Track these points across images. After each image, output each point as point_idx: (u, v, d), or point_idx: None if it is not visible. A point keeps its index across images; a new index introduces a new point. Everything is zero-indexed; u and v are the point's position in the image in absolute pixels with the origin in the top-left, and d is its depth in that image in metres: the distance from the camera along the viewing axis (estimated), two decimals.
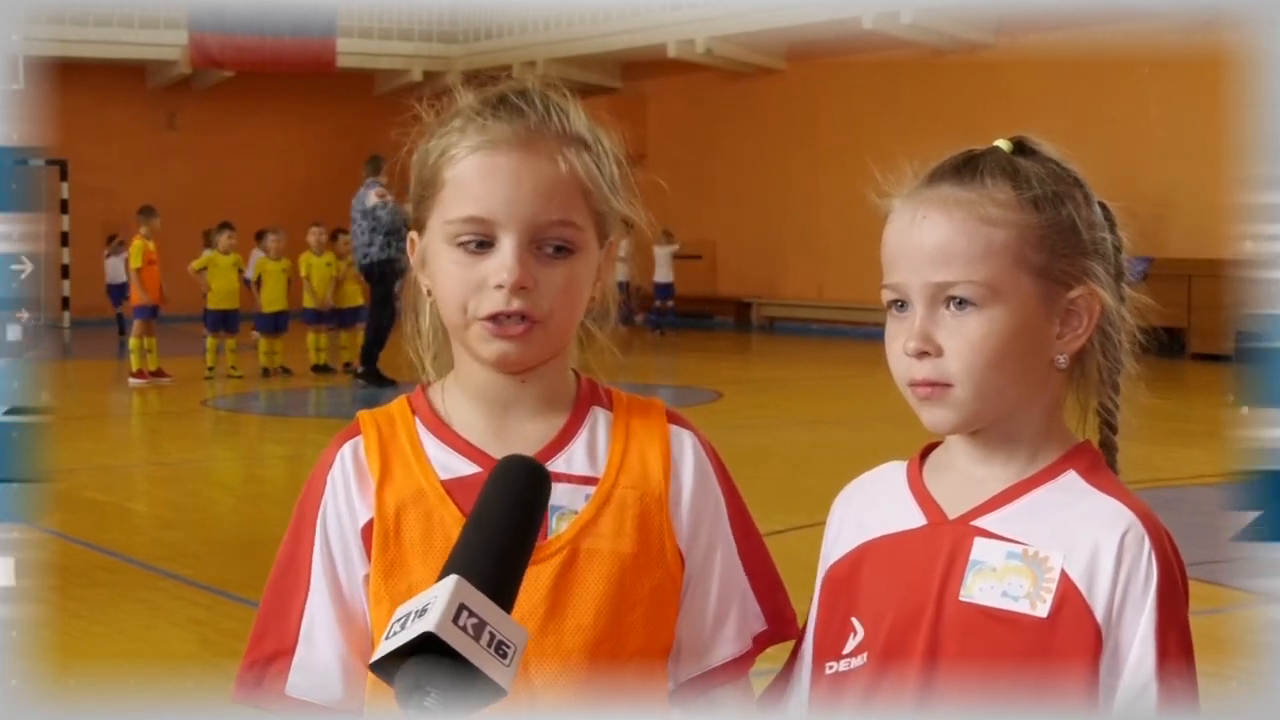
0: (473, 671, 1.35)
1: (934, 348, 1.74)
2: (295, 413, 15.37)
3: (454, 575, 1.39)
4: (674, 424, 1.90)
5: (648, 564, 1.83)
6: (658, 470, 1.86)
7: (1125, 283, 1.83)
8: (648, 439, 1.88)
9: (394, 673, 1.37)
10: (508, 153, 1.79)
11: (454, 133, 1.82)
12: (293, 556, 1.87)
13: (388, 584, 1.81)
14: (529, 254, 1.78)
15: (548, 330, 1.80)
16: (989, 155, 1.79)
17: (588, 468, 1.85)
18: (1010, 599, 1.70)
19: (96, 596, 7.04)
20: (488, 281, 1.77)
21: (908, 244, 1.77)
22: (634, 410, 1.91)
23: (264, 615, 1.87)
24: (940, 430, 1.78)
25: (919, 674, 1.72)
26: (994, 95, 19.65)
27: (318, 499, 1.86)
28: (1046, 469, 1.77)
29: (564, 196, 1.80)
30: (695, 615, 1.88)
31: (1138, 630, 1.68)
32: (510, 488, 1.51)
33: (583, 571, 1.80)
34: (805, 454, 11.34)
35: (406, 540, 1.82)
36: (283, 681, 1.84)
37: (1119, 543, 1.70)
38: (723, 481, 1.92)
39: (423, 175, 1.85)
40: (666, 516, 1.85)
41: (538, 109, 1.82)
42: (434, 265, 1.83)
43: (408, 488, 1.83)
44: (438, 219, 1.82)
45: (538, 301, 1.78)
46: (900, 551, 1.79)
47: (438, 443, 1.86)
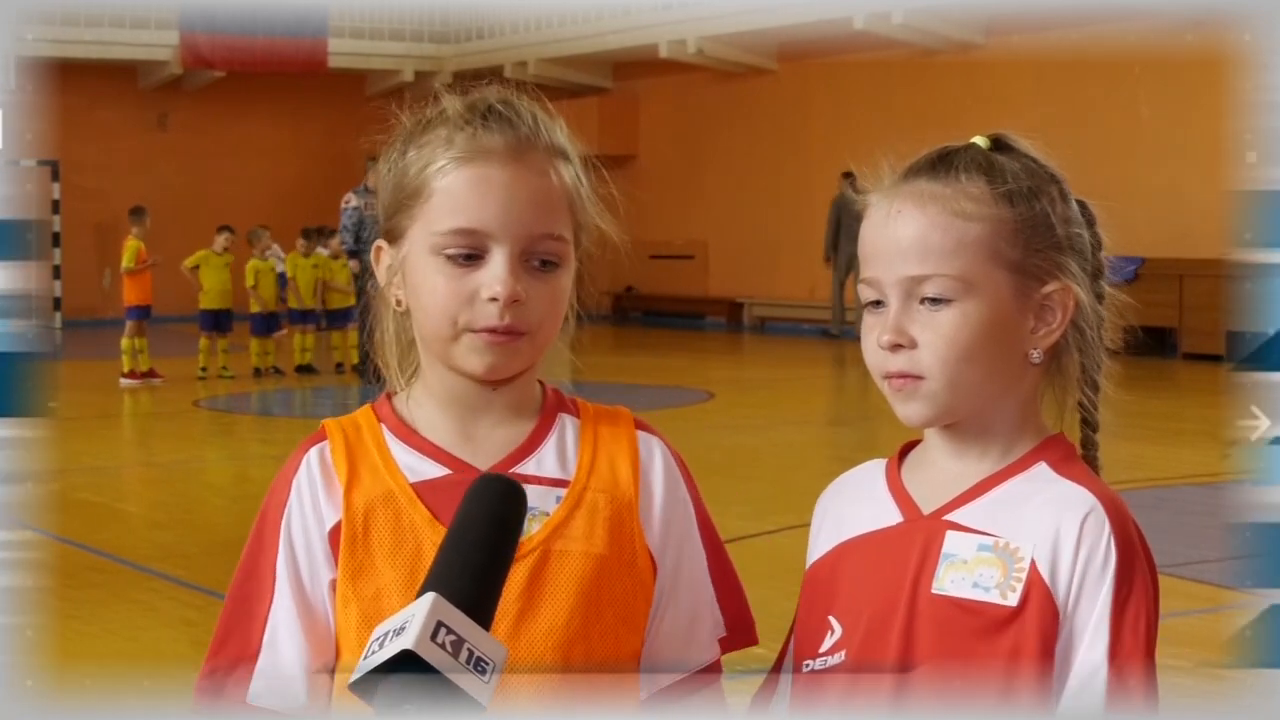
0: (452, 689, 1.36)
1: (908, 340, 1.75)
2: (287, 413, 15.36)
3: (432, 593, 1.39)
4: (641, 430, 1.91)
5: (619, 567, 1.83)
6: (627, 475, 1.86)
7: (1104, 280, 1.84)
8: (616, 445, 1.88)
9: (373, 691, 1.37)
10: (501, 165, 1.79)
11: (439, 143, 1.81)
12: (255, 563, 1.85)
13: (355, 586, 1.80)
14: (519, 266, 1.78)
15: (534, 342, 1.81)
16: (964, 151, 1.79)
17: (558, 470, 1.85)
18: (981, 589, 1.71)
19: (88, 597, 7.03)
20: (479, 294, 1.77)
21: (882, 239, 1.77)
22: (601, 418, 1.91)
23: (226, 621, 1.86)
24: (914, 424, 1.78)
25: (894, 668, 1.73)
26: (985, 95, 19.66)
27: (282, 505, 1.85)
28: (1018, 461, 1.78)
29: (553, 210, 1.81)
30: (668, 622, 1.88)
31: (1092, 614, 1.68)
32: (487, 506, 1.52)
33: (554, 572, 1.80)
34: (797, 454, 11.35)
35: (375, 542, 1.81)
36: (244, 689, 1.82)
37: (1079, 526, 1.70)
38: (690, 489, 1.92)
39: (403, 184, 1.83)
40: (637, 521, 1.85)
41: (526, 120, 1.82)
42: (415, 277, 1.82)
43: (376, 489, 1.83)
44: (421, 230, 1.80)
45: (527, 315, 1.78)
46: (877, 549, 1.80)
47: (405, 447, 1.86)
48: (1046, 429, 1.82)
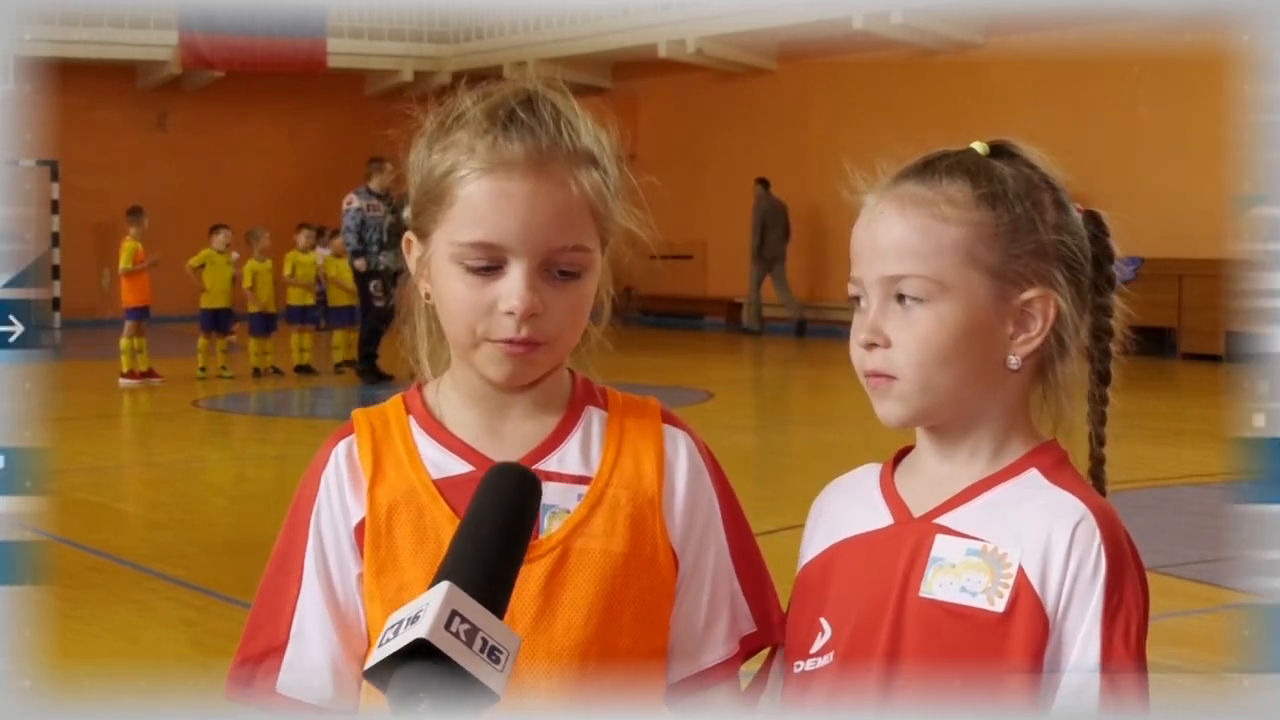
0: (466, 677, 1.36)
1: (883, 340, 1.76)
2: (286, 413, 15.35)
3: (446, 582, 1.40)
4: (669, 424, 1.91)
5: (640, 565, 1.83)
6: (651, 471, 1.86)
7: (1112, 293, 1.82)
8: (642, 440, 1.88)
9: (388, 679, 1.37)
10: (522, 177, 1.77)
11: (461, 148, 1.80)
12: (287, 554, 1.87)
13: (380, 582, 1.81)
14: (538, 278, 1.78)
15: (552, 350, 1.82)
16: (954, 155, 1.80)
17: (581, 467, 1.85)
18: (968, 594, 1.71)
19: (87, 597, 7.03)
20: (497, 306, 1.77)
21: (865, 239, 1.79)
22: (629, 410, 1.91)
23: (257, 612, 1.88)
24: (890, 423, 1.79)
25: (881, 671, 1.73)
26: (984, 95, 19.66)
27: (312, 498, 1.86)
28: (1009, 467, 1.78)
29: (575, 221, 1.80)
30: (687, 616, 1.88)
31: (1083, 623, 1.68)
32: (502, 495, 1.52)
33: (574, 571, 1.81)
34: (795, 454, 11.35)
35: (398, 538, 1.82)
36: (273, 679, 1.84)
37: (1070, 535, 1.70)
38: (717, 483, 1.92)
39: (427, 186, 1.83)
40: (660, 518, 1.85)
41: (548, 126, 1.80)
42: (438, 279, 1.82)
43: (400, 486, 1.84)
44: (444, 236, 1.80)
45: (545, 326, 1.79)
46: (867, 551, 1.80)
47: (431, 441, 1.87)
48: (1039, 435, 1.81)
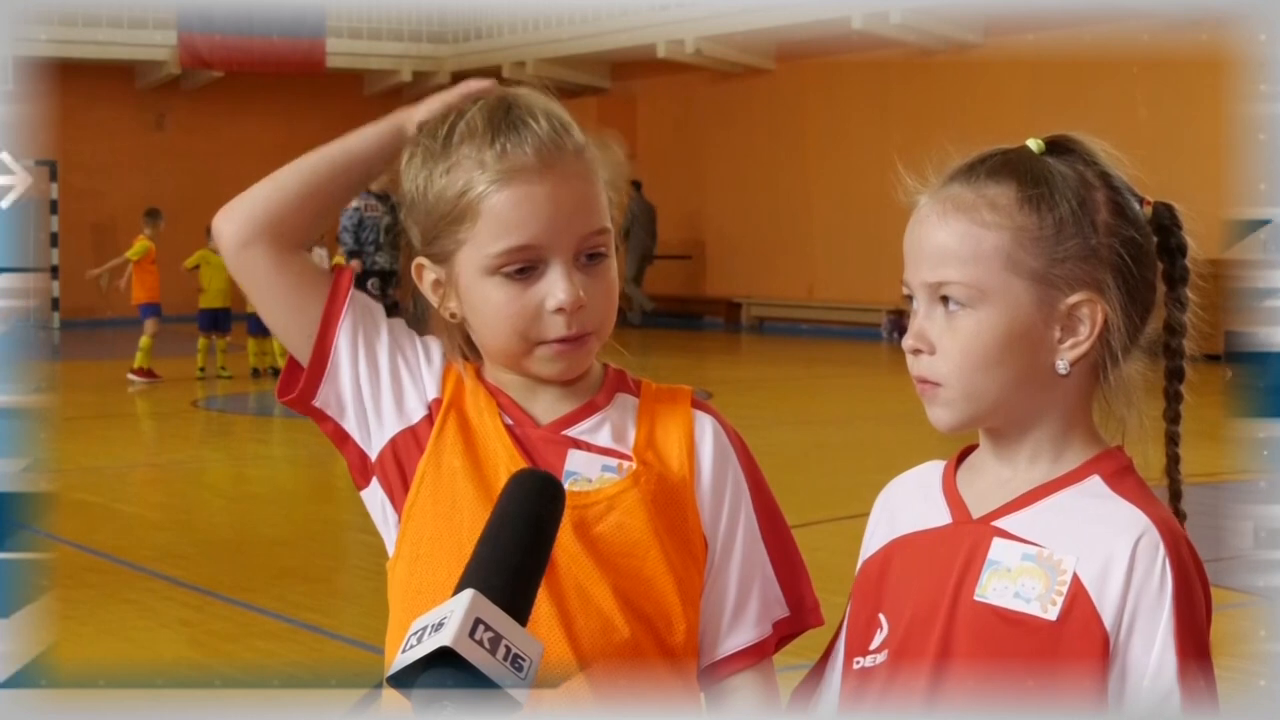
0: (489, 685, 1.37)
1: (928, 346, 1.75)
2: (285, 413, 15.32)
3: (470, 590, 1.40)
4: (697, 409, 1.94)
5: (669, 549, 1.85)
6: (681, 455, 1.89)
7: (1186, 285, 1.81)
8: (672, 424, 1.92)
9: (411, 685, 1.38)
10: (539, 178, 1.82)
11: (470, 165, 1.83)
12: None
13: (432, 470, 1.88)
14: (574, 269, 1.83)
15: (600, 337, 1.89)
16: (1003, 155, 1.78)
17: (609, 442, 1.89)
18: (1022, 600, 1.70)
19: (85, 597, 7.02)
20: (544, 306, 1.83)
21: (912, 243, 1.78)
22: (660, 398, 1.95)
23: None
24: (941, 428, 1.78)
25: (930, 671, 1.72)
26: (983, 95, 19.66)
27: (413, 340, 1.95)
28: (1071, 473, 1.76)
29: (594, 205, 1.86)
30: (716, 598, 1.90)
31: (1155, 638, 1.67)
32: (524, 503, 1.53)
33: (603, 555, 1.83)
34: (794, 454, 11.35)
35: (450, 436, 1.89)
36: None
37: (1132, 550, 1.68)
38: (745, 465, 1.94)
39: (440, 210, 1.86)
40: (691, 502, 1.88)
41: (542, 124, 1.85)
42: (473, 298, 1.86)
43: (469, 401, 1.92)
44: (473, 252, 1.84)
45: (591, 315, 1.85)
46: (925, 549, 1.79)
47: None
48: (1102, 440, 1.79)
